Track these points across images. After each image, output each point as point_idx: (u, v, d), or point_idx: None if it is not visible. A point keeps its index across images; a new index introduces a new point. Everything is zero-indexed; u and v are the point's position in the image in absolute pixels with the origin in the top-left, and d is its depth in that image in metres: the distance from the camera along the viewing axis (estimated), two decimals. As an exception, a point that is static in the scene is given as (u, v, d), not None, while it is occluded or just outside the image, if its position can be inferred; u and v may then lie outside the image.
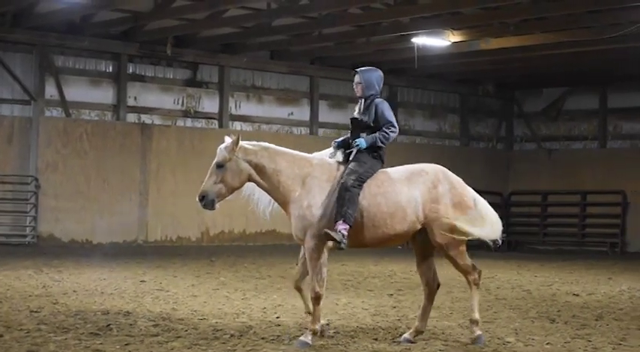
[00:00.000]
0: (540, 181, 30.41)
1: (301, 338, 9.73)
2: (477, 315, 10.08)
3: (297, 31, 24.53)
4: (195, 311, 12.15)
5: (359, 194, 9.66)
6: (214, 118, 26.68)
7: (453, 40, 23.09)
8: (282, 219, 26.41)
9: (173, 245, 25.07)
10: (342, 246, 9.58)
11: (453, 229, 9.81)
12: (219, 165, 9.88)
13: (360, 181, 9.71)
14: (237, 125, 27.01)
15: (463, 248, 10.05)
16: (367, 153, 9.96)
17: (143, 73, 25.69)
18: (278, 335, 10.26)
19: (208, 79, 26.70)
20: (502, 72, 29.84)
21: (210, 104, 26.64)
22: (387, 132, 10.01)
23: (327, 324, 10.82)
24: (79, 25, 23.80)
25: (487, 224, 10.08)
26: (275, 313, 12.12)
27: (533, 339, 10.35)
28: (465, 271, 10.14)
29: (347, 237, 9.54)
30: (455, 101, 31.91)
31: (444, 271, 19.18)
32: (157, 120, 25.77)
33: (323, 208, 9.68)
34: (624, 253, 28.70)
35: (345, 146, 10.20)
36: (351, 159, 9.94)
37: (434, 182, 9.96)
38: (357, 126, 10.18)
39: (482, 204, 10.18)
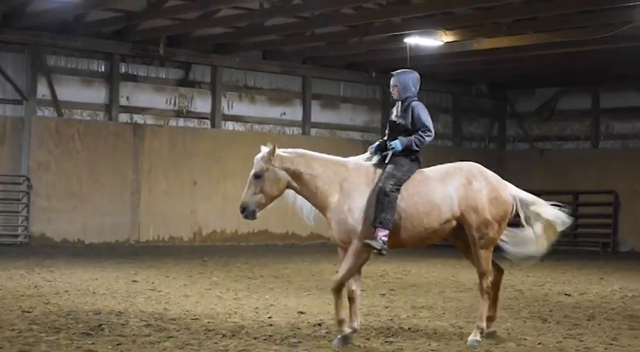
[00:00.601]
0: (532, 181, 30.40)
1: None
2: (483, 324, 10.13)
3: (289, 31, 24.53)
4: (187, 311, 12.14)
5: (397, 198, 9.71)
6: (207, 118, 26.66)
7: (446, 40, 23.11)
8: (275, 218, 26.26)
9: (165, 245, 25.05)
10: (383, 252, 9.68)
11: (487, 224, 9.93)
12: (257, 176, 9.96)
13: (399, 185, 9.77)
14: (230, 125, 27.01)
15: (491, 250, 10.12)
16: (404, 155, 10.00)
17: (135, 73, 25.66)
18: (270, 335, 10.26)
19: (201, 79, 26.68)
20: (495, 72, 29.86)
21: (202, 104, 26.62)
22: (422, 136, 10.06)
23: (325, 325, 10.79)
24: (71, 25, 23.76)
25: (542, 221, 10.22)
26: (267, 313, 12.11)
27: (525, 339, 10.36)
28: (483, 273, 10.14)
29: (386, 242, 9.62)
30: (447, 101, 31.93)
31: (437, 271, 19.22)
32: (149, 120, 25.74)
33: (364, 211, 9.72)
34: (616, 253, 28.74)
35: (381, 149, 10.20)
36: (387, 161, 9.96)
37: (468, 178, 10.06)
38: (395, 129, 10.21)
39: (541, 205, 10.31)
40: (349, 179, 9.90)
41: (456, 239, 10.29)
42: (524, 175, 30.79)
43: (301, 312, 12.24)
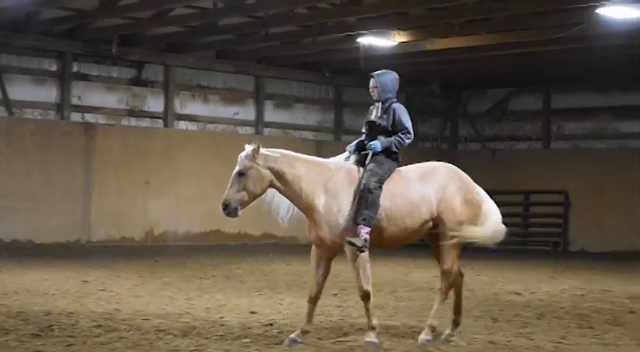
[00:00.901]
0: (484, 181, 30.24)
1: (367, 339, 9.78)
2: (434, 322, 10.22)
3: (243, 31, 24.47)
4: (138, 311, 12.08)
5: (380, 195, 9.78)
6: (159, 118, 26.53)
7: (399, 41, 23.17)
8: (227, 218, 26.20)
9: (117, 245, 24.87)
10: (364, 249, 9.68)
11: (462, 225, 10.07)
12: (241, 174, 9.92)
13: (381, 183, 9.85)
14: (183, 124, 26.90)
15: (458, 249, 10.24)
16: (385, 154, 10.09)
17: (88, 72, 25.47)
18: (222, 335, 10.24)
19: (154, 78, 26.54)
20: (447, 72, 29.99)
21: (155, 103, 26.49)
22: (402, 138, 10.22)
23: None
24: (22, 23, 23.52)
25: (490, 224, 10.39)
26: (219, 313, 12.10)
27: (475, 338, 10.41)
28: (446, 271, 10.24)
29: (368, 239, 9.66)
30: (400, 101, 31.82)
31: (389, 271, 19.27)
32: (101, 119, 25.56)
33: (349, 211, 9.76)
34: (566, 252, 28.99)
35: (359, 148, 10.28)
36: (368, 161, 10.03)
37: (446, 180, 10.22)
38: (374, 130, 10.30)
39: (489, 203, 10.55)
40: (332, 179, 9.93)
41: (431, 239, 10.39)
42: (476, 175, 30.72)
43: (253, 312, 12.23)
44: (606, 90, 29.99)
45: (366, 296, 9.83)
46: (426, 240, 10.51)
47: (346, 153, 10.37)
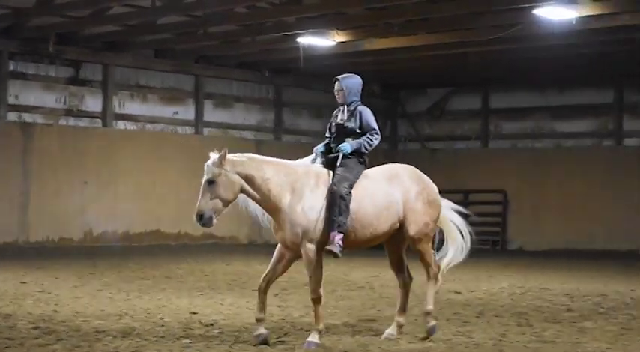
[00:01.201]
0: (424, 180, 30.76)
1: (309, 338, 9.79)
2: (431, 307, 10.54)
3: (182, 30, 24.36)
4: (77, 312, 11.98)
5: (350, 200, 9.86)
6: (98, 117, 26.30)
7: (338, 40, 23.22)
8: (167, 218, 25.91)
9: (55, 246, 24.62)
10: (339, 255, 9.80)
11: (427, 225, 10.37)
12: (211, 182, 9.83)
13: (351, 188, 9.92)
14: (121, 124, 26.71)
15: (429, 244, 10.62)
16: (354, 158, 10.20)
17: (24, 71, 25.17)
18: (162, 336, 10.19)
19: (92, 78, 26.31)
20: (387, 72, 30.10)
21: (93, 103, 26.25)
22: (371, 139, 10.37)
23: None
24: (-43, 21, 23.24)
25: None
26: (159, 314, 12.03)
27: (416, 337, 10.47)
28: (428, 264, 10.66)
29: (342, 245, 9.78)
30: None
31: (330, 270, 19.27)
32: (38, 119, 25.29)
33: (317, 212, 9.80)
34: (505, 251, 29.26)
35: (327, 151, 10.38)
36: (338, 164, 10.09)
37: (410, 182, 10.37)
38: (342, 132, 10.40)
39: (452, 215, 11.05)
40: (300, 181, 9.95)
41: (388, 242, 10.58)
42: (415, 174, 31.19)
43: (193, 312, 12.19)
44: (543, 90, 30.32)
45: (318, 299, 9.89)
46: (385, 245, 10.67)
47: (312, 155, 10.44)
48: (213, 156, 9.93)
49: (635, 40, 23.08)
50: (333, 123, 10.57)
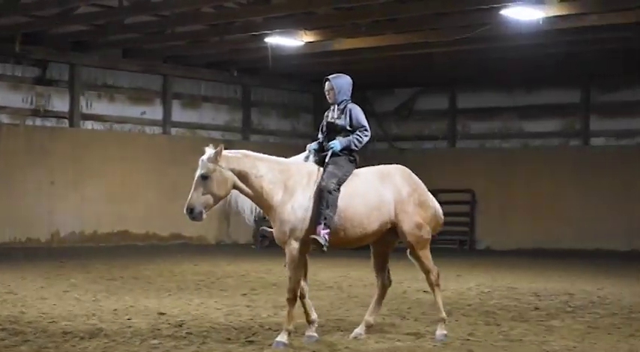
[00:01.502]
0: (392, 180, 30.78)
1: (277, 338, 9.86)
2: (443, 315, 10.56)
3: (149, 30, 24.26)
4: (44, 313, 11.92)
5: (338, 197, 9.95)
6: (65, 117, 26.13)
7: (307, 40, 23.22)
8: (135, 219, 25.80)
9: (22, 246, 24.45)
10: (324, 249, 9.89)
11: (420, 227, 10.38)
12: (205, 177, 9.85)
13: (340, 184, 10.03)
14: (89, 124, 26.55)
15: (428, 249, 10.60)
16: (344, 156, 10.31)
17: (-10, 71, 25.04)
18: (130, 337, 10.16)
19: (58, 78, 26.14)
20: (355, 72, 29.90)
21: (60, 103, 26.08)
22: (360, 136, 10.43)
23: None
24: None
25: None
26: (127, 315, 11.99)
27: (384, 336, 10.49)
28: (427, 270, 10.64)
29: (328, 239, 9.86)
30: (308, 100, 32.13)
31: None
32: (5, 119, 25.09)
33: (305, 211, 9.88)
34: (473, 250, 29.36)
35: (320, 149, 10.47)
36: (327, 161, 10.20)
37: (402, 182, 10.45)
38: (333, 130, 10.49)
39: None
40: (293, 179, 10.04)
41: (376, 244, 10.63)
42: (384, 174, 31.22)
43: (162, 313, 12.15)
44: (511, 90, 30.44)
45: (293, 300, 9.97)
46: (372, 245, 10.70)
47: (306, 153, 10.52)
48: (209, 151, 9.97)
49: (602, 40, 23.21)
50: (324, 122, 10.64)
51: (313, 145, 10.57)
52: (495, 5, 19.48)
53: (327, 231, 9.84)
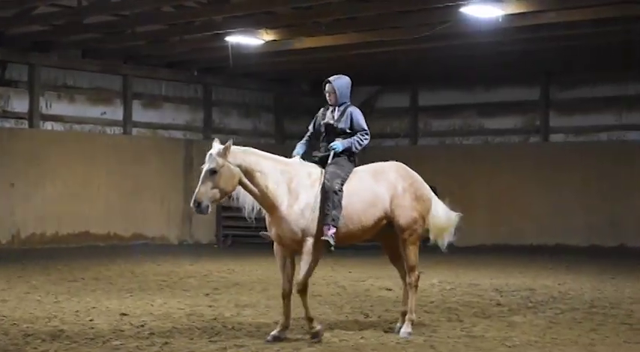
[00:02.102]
0: (354, 178, 30.82)
1: (312, 331, 10.18)
2: (413, 316, 10.77)
3: (109, 30, 24.13)
4: (5, 316, 11.84)
5: (342, 196, 10.16)
6: (24, 118, 25.92)
7: (267, 39, 23.20)
8: (96, 219, 25.67)
9: (-18, 249, 24.27)
10: (332, 249, 10.11)
11: (415, 221, 10.62)
12: (214, 171, 9.86)
13: (342, 184, 10.23)
14: (48, 125, 26.35)
15: (418, 245, 10.85)
16: (344, 156, 10.52)
17: (-52, 72, 24.81)
18: (92, 339, 10.12)
19: (18, 78, 25.91)
20: (316, 71, 30.12)
21: (19, 103, 25.86)
22: (361, 139, 10.76)
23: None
24: None
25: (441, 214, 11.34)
26: (88, 316, 11.94)
27: (347, 334, 10.51)
28: (412, 268, 10.82)
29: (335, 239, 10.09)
30: (270, 99, 32.09)
31: (261, 270, 19.27)
32: (-37, 120, 24.92)
33: (313, 211, 10.06)
34: (435, 247, 29.41)
35: (307, 150, 10.71)
36: (330, 162, 10.40)
37: (397, 178, 10.70)
38: (333, 132, 10.68)
39: (436, 202, 11.28)
40: (295, 179, 10.18)
41: (382, 237, 10.90)
42: (345, 173, 31.26)
43: (124, 314, 12.11)
44: (471, 87, 30.57)
45: (304, 290, 10.19)
46: (378, 241, 11.03)
47: (298, 151, 10.67)
48: (217, 146, 10.01)
49: (560, 37, 23.36)
50: (322, 122, 10.81)
51: (299, 150, 10.68)
52: (455, 3, 19.55)
53: (334, 230, 10.04)
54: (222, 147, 9.94)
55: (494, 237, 28.83)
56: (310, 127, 10.93)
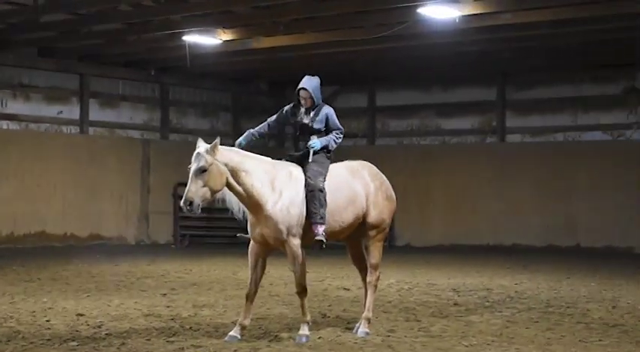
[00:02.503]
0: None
1: (300, 332, 10.13)
2: (370, 314, 10.82)
3: (65, 28, 23.97)
4: (-41, 317, 11.73)
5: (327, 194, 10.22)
6: (-21, 117, 25.74)
7: (225, 39, 23.16)
8: (52, 219, 25.48)
9: (-63, 249, 24.03)
10: (324, 246, 10.18)
11: (384, 220, 10.83)
12: (203, 170, 9.77)
13: (324, 181, 10.27)
14: (4, 124, 26.10)
15: (382, 242, 10.99)
16: (322, 153, 10.57)
17: None
18: (48, 339, 10.05)
19: (-27, 77, 25.74)
20: (274, 70, 30.13)
21: (-26, 103, 25.69)
22: (337, 137, 10.78)
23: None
24: None
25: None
26: (45, 316, 11.85)
27: (305, 334, 10.50)
28: (375, 266, 10.91)
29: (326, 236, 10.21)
30: (227, 99, 32.02)
31: (218, 270, 19.24)
32: None
33: (298, 207, 10.07)
34: (392, 247, 29.53)
35: (249, 141, 10.65)
36: (310, 160, 10.40)
37: (370, 177, 10.88)
38: (308, 132, 10.67)
39: None
40: (278, 179, 10.18)
41: (349, 239, 11.03)
42: (303, 172, 31.26)
43: (80, 314, 12.03)
44: (428, 88, 30.70)
45: (303, 292, 10.20)
46: (343, 240, 11.03)
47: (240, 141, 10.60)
48: (203, 144, 9.95)
49: (517, 38, 23.51)
50: (296, 122, 10.74)
51: (242, 141, 10.59)
52: (412, 4, 19.62)
53: (324, 227, 10.12)
54: (209, 145, 9.88)
55: (451, 236, 29.00)
56: (272, 122, 10.83)
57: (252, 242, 10.38)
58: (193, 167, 9.80)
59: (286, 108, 10.92)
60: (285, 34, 23.27)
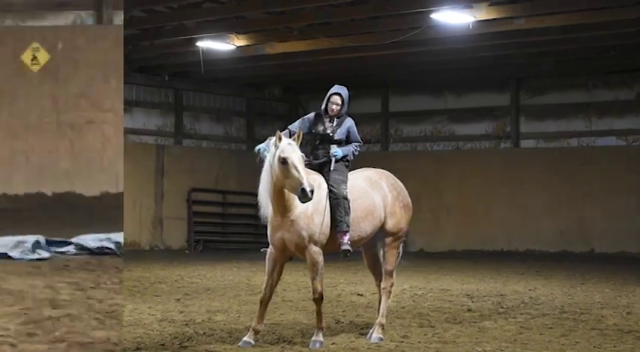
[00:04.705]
0: (325, 184, 30.80)
1: (314, 338, 10.10)
2: (384, 320, 10.81)
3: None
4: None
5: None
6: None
7: (238, 44, 23.18)
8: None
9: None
10: (349, 254, 10.19)
11: (401, 229, 10.97)
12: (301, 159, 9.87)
13: (347, 189, 10.31)
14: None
15: (398, 251, 11.13)
16: (342, 162, 10.57)
17: None
18: None
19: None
20: (287, 76, 30.14)
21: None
22: (357, 149, 10.77)
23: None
24: None
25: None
26: None
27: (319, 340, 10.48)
28: (390, 272, 11.03)
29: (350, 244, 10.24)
30: (241, 105, 32.03)
31: (232, 275, 19.24)
32: None
33: (321, 215, 10.07)
34: (406, 252, 29.44)
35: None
36: (332, 168, 10.39)
37: (388, 186, 10.89)
38: (328, 141, 10.63)
39: None
40: None
41: (367, 245, 11.03)
42: (317, 178, 31.24)
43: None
44: (442, 93, 30.67)
45: (320, 298, 10.16)
46: (359, 246, 10.92)
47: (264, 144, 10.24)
48: (285, 138, 9.87)
49: (530, 43, 23.49)
50: (313, 130, 10.66)
51: (264, 147, 10.25)
52: (426, 9, 19.64)
53: (349, 236, 10.16)
54: (292, 139, 9.87)
55: (465, 242, 28.94)
56: (294, 128, 10.48)
57: (270, 247, 10.35)
58: (295, 156, 9.65)
59: (309, 115, 10.84)
60: (298, 39, 23.30)
